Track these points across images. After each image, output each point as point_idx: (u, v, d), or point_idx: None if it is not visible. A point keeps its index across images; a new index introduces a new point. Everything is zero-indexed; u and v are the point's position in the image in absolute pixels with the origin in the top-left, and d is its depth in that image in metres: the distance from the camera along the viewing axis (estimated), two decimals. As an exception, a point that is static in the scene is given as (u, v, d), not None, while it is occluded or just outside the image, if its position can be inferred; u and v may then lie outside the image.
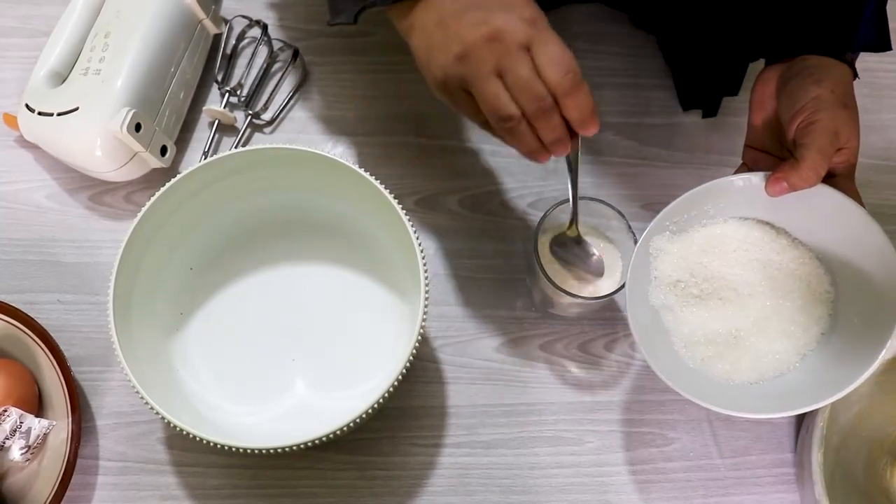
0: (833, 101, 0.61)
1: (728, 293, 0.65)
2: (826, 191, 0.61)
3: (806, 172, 0.59)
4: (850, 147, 0.62)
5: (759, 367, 0.64)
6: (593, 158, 0.85)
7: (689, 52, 0.84)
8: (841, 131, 0.60)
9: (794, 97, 0.63)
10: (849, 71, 0.65)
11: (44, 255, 0.79)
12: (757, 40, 0.74)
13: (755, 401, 0.63)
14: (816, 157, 0.59)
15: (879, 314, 0.60)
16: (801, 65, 0.65)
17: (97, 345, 0.76)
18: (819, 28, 0.66)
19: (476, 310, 0.79)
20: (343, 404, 0.71)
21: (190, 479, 0.73)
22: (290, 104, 0.86)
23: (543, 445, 0.76)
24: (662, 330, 0.65)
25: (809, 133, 0.60)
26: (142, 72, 0.76)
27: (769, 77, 0.67)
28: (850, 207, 0.61)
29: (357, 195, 0.71)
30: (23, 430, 0.68)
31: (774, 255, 0.65)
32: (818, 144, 0.59)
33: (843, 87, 0.63)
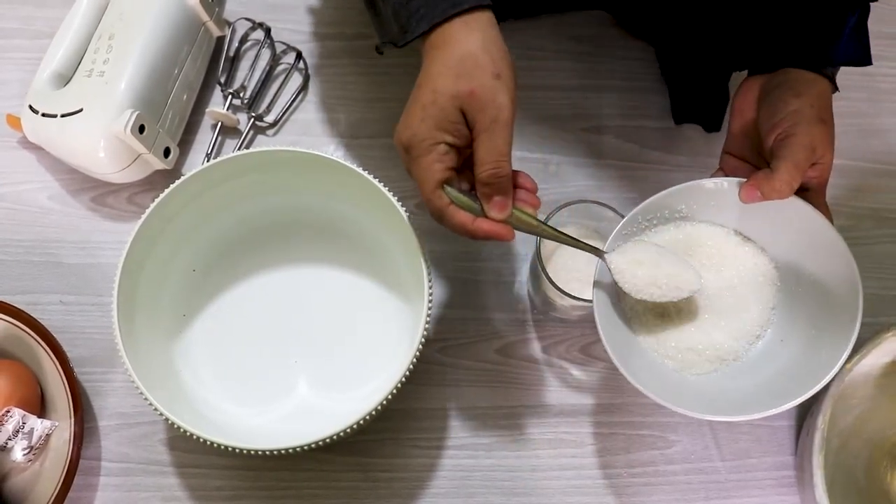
0: (811, 116, 0.62)
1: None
2: (796, 203, 0.62)
3: (779, 184, 0.60)
4: (825, 162, 0.63)
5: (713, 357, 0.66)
6: (594, 161, 0.85)
7: (684, 67, 0.85)
8: (817, 146, 0.61)
9: (773, 109, 0.64)
10: (828, 86, 0.66)
11: (46, 256, 0.79)
12: (740, 52, 0.75)
13: (710, 404, 0.63)
14: (791, 170, 0.60)
15: (833, 331, 0.61)
16: (782, 77, 0.66)
17: (100, 346, 0.76)
18: (800, 42, 0.66)
19: (478, 312, 0.79)
20: (346, 406, 0.71)
21: (192, 481, 0.73)
22: (293, 106, 0.86)
23: (545, 447, 0.76)
24: (626, 326, 0.66)
25: (786, 146, 0.61)
26: (145, 74, 0.76)
27: (751, 86, 0.68)
28: (819, 222, 0.63)
29: (360, 197, 0.71)
30: (25, 431, 0.68)
31: (737, 261, 0.67)
32: (794, 158, 0.60)
33: (822, 101, 0.64)
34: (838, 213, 0.84)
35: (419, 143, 0.57)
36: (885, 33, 0.93)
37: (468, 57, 0.56)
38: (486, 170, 0.57)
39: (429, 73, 0.57)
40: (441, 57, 0.57)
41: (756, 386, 0.64)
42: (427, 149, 0.57)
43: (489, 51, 0.57)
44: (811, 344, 0.63)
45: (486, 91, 0.56)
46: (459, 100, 0.56)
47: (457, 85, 0.56)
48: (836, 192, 0.85)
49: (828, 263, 0.63)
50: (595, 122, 0.87)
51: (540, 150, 0.85)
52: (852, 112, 0.89)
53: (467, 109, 0.56)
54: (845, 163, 0.87)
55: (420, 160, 0.57)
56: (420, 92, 0.58)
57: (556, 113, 0.87)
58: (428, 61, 0.58)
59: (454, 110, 0.56)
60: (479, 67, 0.56)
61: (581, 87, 0.88)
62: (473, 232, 0.58)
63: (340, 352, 0.75)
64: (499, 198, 0.58)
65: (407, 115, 0.58)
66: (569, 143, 0.86)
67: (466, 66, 0.56)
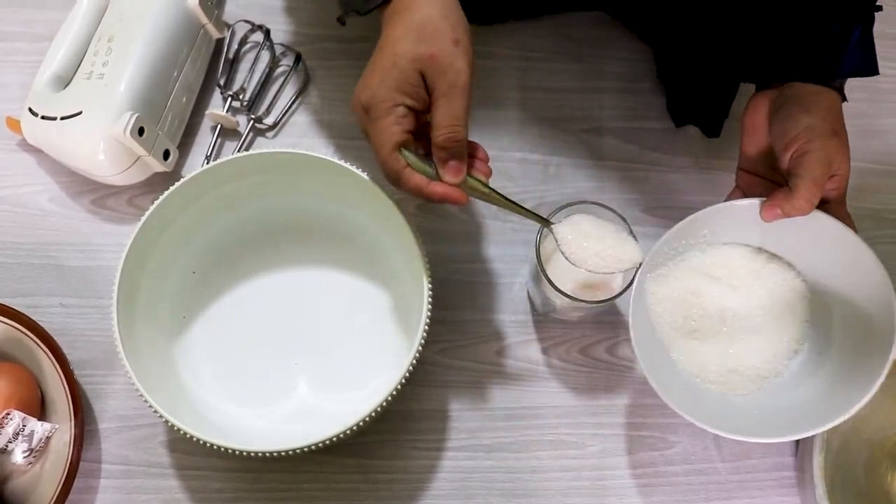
0: (825, 130, 0.62)
1: (719, 315, 0.67)
2: (819, 216, 0.63)
3: (800, 202, 0.61)
4: (842, 173, 0.63)
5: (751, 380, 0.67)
6: (594, 162, 0.85)
7: (683, 69, 0.85)
8: (833, 159, 0.62)
9: (785, 126, 0.64)
10: (837, 97, 0.66)
11: (46, 258, 0.79)
12: (747, 64, 0.75)
13: (757, 424, 0.65)
14: (811, 187, 0.61)
15: (873, 338, 0.62)
16: (790, 92, 0.66)
17: (100, 348, 0.76)
18: (807, 55, 0.67)
19: (478, 313, 0.79)
20: (346, 407, 0.71)
21: (192, 483, 0.73)
22: (293, 108, 0.86)
23: (545, 449, 0.76)
24: (664, 353, 0.68)
25: (803, 163, 0.61)
26: (145, 76, 0.76)
27: (759, 103, 0.68)
28: (843, 232, 0.63)
29: (359, 199, 0.71)
30: (25, 434, 0.68)
31: (767, 279, 0.68)
32: (812, 175, 0.61)
33: (833, 114, 0.64)
34: (839, 213, 0.85)
35: (378, 104, 0.58)
36: (887, 34, 0.93)
37: (428, 22, 0.58)
38: (442, 133, 0.58)
39: (389, 36, 0.59)
40: (402, 21, 0.58)
41: (800, 401, 0.65)
42: (386, 111, 0.58)
43: (448, 17, 0.58)
44: (849, 354, 0.65)
45: (445, 55, 0.57)
46: (420, 62, 0.57)
47: (417, 48, 0.57)
48: (836, 192, 0.86)
49: (858, 276, 0.64)
50: (595, 124, 0.87)
51: (540, 152, 0.85)
52: (853, 112, 0.88)
53: (427, 73, 0.57)
54: (845, 163, 0.87)
55: (378, 122, 0.58)
56: (380, 55, 0.59)
57: (556, 114, 0.87)
58: (388, 26, 0.59)
59: (414, 73, 0.57)
60: (438, 32, 0.58)
61: (581, 89, 0.88)
62: (428, 194, 0.60)
63: (340, 353, 0.75)
64: (454, 162, 0.59)
65: (366, 76, 0.59)
66: (569, 144, 0.86)
67: (427, 30, 0.58)
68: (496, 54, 0.89)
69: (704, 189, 0.84)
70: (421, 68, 0.57)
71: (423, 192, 0.60)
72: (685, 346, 0.67)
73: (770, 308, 0.67)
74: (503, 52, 0.89)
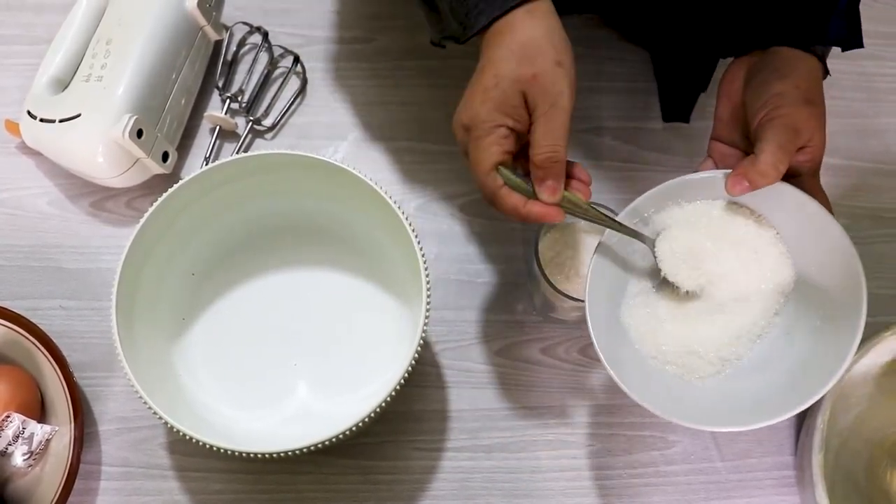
0: (796, 97, 0.60)
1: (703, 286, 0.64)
2: (783, 187, 0.60)
3: (764, 167, 0.58)
4: (814, 145, 0.61)
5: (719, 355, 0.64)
6: (592, 163, 0.85)
7: (675, 66, 0.85)
8: (802, 128, 0.59)
9: (758, 92, 0.62)
10: (818, 66, 0.64)
11: (46, 261, 0.79)
12: (729, 35, 0.73)
13: (719, 410, 0.62)
14: (776, 152, 0.58)
15: (842, 319, 0.59)
16: (769, 58, 0.64)
17: (99, 350, 0.76)
18: (788, 19, 0.65)
19: (477, 314, 0.80)
20: (345, 408, 0.71)
21: (192, 484, 0.73)
22: (291, 110, 0.86)
23: (545, 449, 0.76)
24: (620, 328, 0.64)
25: (769, 128, 0.59)
26: (143, 78, 0.76)
27: (737, 69, 0.67)
28: (811, 206, 0.60)
29: (358, 200, 0.71)
30: (25, 436, 0.68)
31: (740, 238, 0.64)
32: (777, 140, 0.58)
33: (809, 83, 0.62)
34: (836, 212, 0.84)
35: (480, 124, 0.58)
36: (883, 33, 0.93)
37: (531, 43, 0.57)
38: (541, 152, 0.57)
39: (491, 58, 0.58)
40: (504, 43, 0.58)
41: (767, 386, 0.62)
42: (487, 130, 0.58)
43: (551, 38, 0.58)
44: (818, 335, 0.61)
45: (547, 76, 0.57)
46: (521, 84, 0.57)
47: (519, 69, 0.57)
48: (834, 191, 0.85)
49: (825, 251, 0.61)
50: (593, 124, 0.87)
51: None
52: (850, 112, 0.89)
53: (528, 93, 0.57)
54: (843, 162, 0.87)
55: (480, 141, 0.58)
56: (482, 76, 0.58)
57: (553, 115, 0.87)
58: (490, 48, 0.59)
59: (516, 94, 0.57)
60: (541, 54, 0.57)
61: (579, 89, 0.87)
62: (525, 215, 0.59)
63: (339, 354, 0.75)
64: (551, 182, 0.58)
65: (468, 97, 0.59)
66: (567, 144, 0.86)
67: (529, 51, 0.57)
68: (494, 55, 0.89)
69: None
70: (523, 89, 0.57)
71: (519, 211, 0.59)
72: (644, 321, 0.64)
73: (740, 284, 0.63)
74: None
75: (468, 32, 0.60)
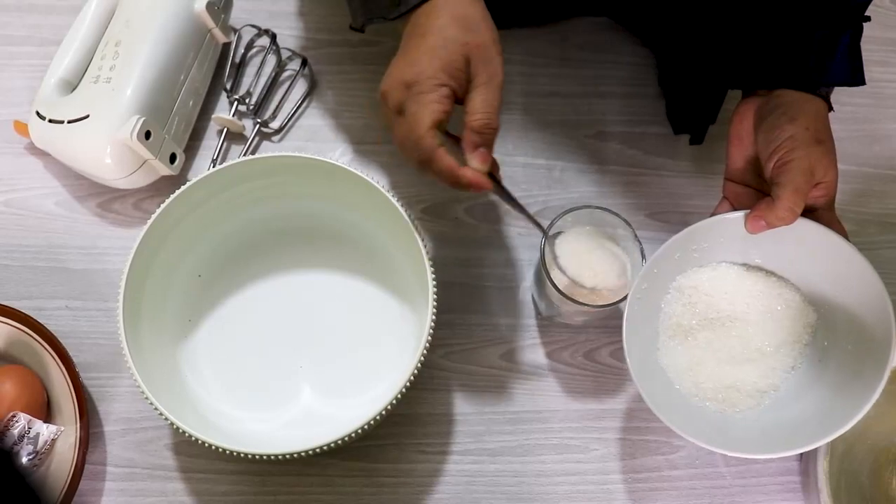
0: (807, 139, 0.62)
1: (719, 329, 0.68)
2: (806, 224, 0.63)
3: (782, 212, 0.61)
4: (828, 181, 0.63)
5: (751, 395, 0.67)
6: (598, 167, 0.86)
7: (682, 76, 0.85)
8: (816, 168, 0.62)
9: (770, 135, 0.64)
10: (823, 105, 0.66)
11: (53, 261, 0.79)
12: (735, 69, 0.75)
13: (758, 439, 0.65)
14: (792, 197, 0.61)
15: (870, 346, 0.62)
16: (776, 101, 0.66)
17: (105, 351, 0.76)
18: (794, 62, 0.67)
19: (482, 317, 0.80)
20: (350, 411, 0.71)
21: (197, 486, 0.73)
22: (299, 113, 0.86)
23: (549, 453, 0.76)
24: (658, 369, 0.68)
25: (785, 172, 0.62)
26: (152, 80, 0.76)
27: (746, 111, 0.69)
28: (831, 238, 0.63)
29: (365, 203, 0.71)
30: (31, 436, 0.69)
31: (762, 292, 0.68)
32: (794, 184, 0.61)
33: (818, 122, 0.64)
34: (842, 218, 0.84)
35: (425, 80, 0.58)
36: (890, 39, 0.93)
37: (471, 16, 0.61)
38: (479, 118, 0.59)
39: (434, 24, 0.60)
40: (443, 14, 0.60)
41: (800, 414, 0.65)
42: (432, 87, 0.58)
43: (486, 17, 0.62)
44: (848, 365, 0.64)
45: (490, 49, 0.60)
46: (467, 48, 0.59)
47: (465, 36, 0.59)
48: (839, 197, 0.84)
49: (851, 282, 0.63)
50: (599, 129, 0.87)
51: (544, 157, 0.86)
52: (856, 117, 0.89)
53: (473, 59, 0.59)
54: (849, 168, 0.87)
55: (423, 96, 0.58)
56: (426, 38, 0.60)
57: (560, 119, 0.87)
58: (427, 19, 0.61)
59: (461, 58, 0.59)
60: (482, 27, 0.61)
61: (585, 94, 0.89)
62: (458, 177, 0.59)
63: (345, 357, 0.75)
64: (484, 149, 0.60)
65: (411, 56, 0.60)
66: (573, 149, 0.86)
67: (471, 23, 0.60)
68: (501, 59, 0.89)
69: (708, 194, 0.84)
70: (468, 54, 0.59)
71: (454, 173, 0.59)
72: (681, 361, 0.68)
73: (766, 324, 0.67)
74: (508, 57, 0.87)
75: (402, 8, 0.62)
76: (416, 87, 0.59)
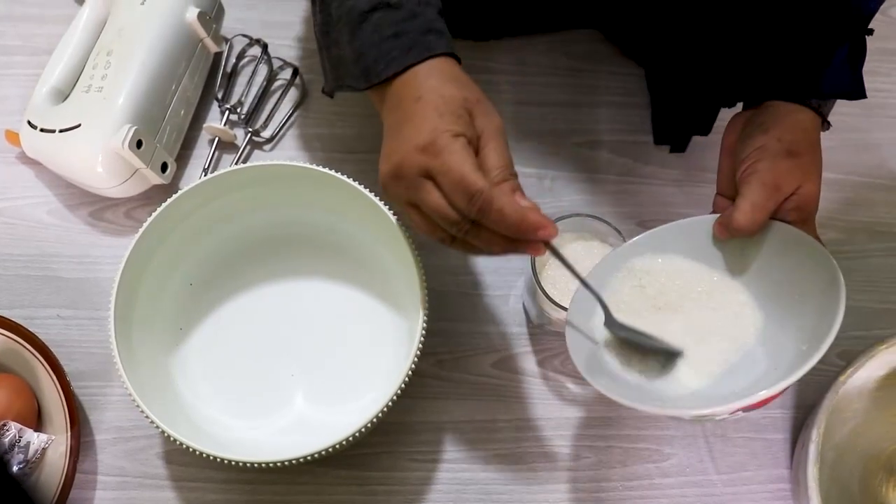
0: (777, 150, 0.62)
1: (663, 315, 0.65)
2: (774, 225, 0.62)
3: (737, 224, 0.60)
4: (802, 194, 0.61)
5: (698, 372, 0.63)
6: (589, 176, 0.86)
7: (670, 89, 0.85)
8: (782, 182, 0.61)
9: (743, 145, 0.64)
10: (810, 117, 0.65)
11: (44, 270, 0.79)
12: (727, 84, 0.75)
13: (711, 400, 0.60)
14: (748, 210, 0.60)
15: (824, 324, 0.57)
16: (762, 113, 0.65)
17: (97, 360, 0.76)
18: (783, 73, 0.66)
19: (473, 325, 0.80)
20: (342, 419, 0.71)
21: (188, 494, 0.73)
22: (290, 122, 0.86)
23: (541, 461, 0.76)
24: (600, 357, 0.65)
25: (747, 184, 0.61)
26: (143, 89, 0.77)
27: (735, 124, 0.68)
28: (782, 228, 0.61)
29: (356, 211, 0.71)
30: (21, 445, 0.68)
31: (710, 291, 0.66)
32: (752, 196, 0.60)
33: (795, 134, 0.63)
34: (832, 226, 0.86)
35: (442, 134, 0.54)
36: (879, 48, 0.94)
37: (458, 76, 0.58)
38: (500, 171, 0.55)
39: (425, 85, 0.57)
40: (430, 77, 0.57)
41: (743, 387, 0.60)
42: (452, 139, 0.54)
43: (471, 80, 0.59)
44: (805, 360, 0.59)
45: (487, 103, 0.57)
46: (469, 104, 0.56)
47: (462, 92, 0.56)
48: (829, 205, 0.86)
49: (805, 267, 0.60)
50: (589, 137, 0.88)
51: (535, 165, 0.86)
52: (845, 126, 0.90)
53: (475, 114, 0.56)
54: (839, 177, 0.88)
55: (448, 148, 0.53)
56: (423, 100, 0.56)
57: (550, 128, 0.88)
58: (416, 82, 0.57)
59: (465, 112, 0.56)
60: (472, 84, 0.58)
61: (575, 103, 0.89)
62: (524, 217, 0.53)
63: (336, 365, 0.75)
64: (519, 192, 0.56)
65: (415, 121, 0.55)
66: (563, 158, 0.86)
67: (461, 81, 0.58)
68: (491, 69, 0.89)
69: (699, 202, 0.84)
70: (470, 109, 0.56)
71: (521, 212, 0.54)
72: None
73: (718, 331, 0.64)
74: (498, 66, 0.90)
75: (372, 80, 0.59)
76: (436, 145, 0.54)
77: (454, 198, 0.54)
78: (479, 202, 0.53)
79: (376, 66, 0.58)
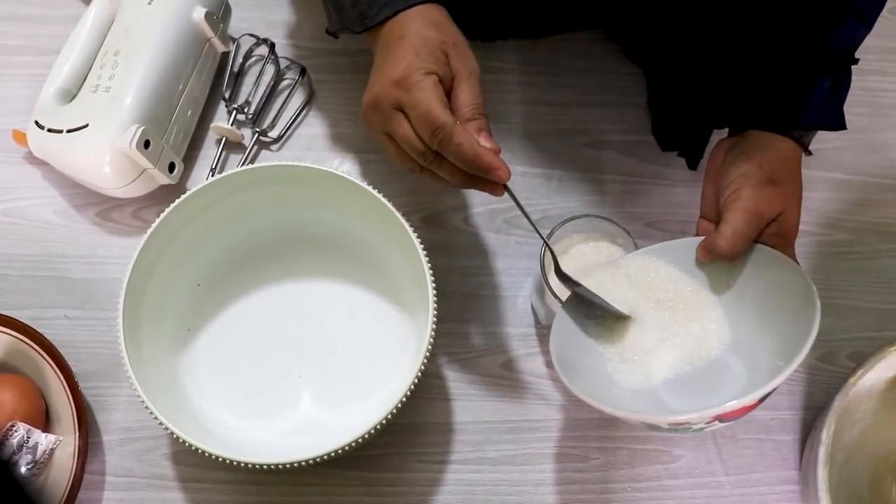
0: (759, 178, 0.63)
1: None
2: (756, 248, 0.64)
3: (722, 249, 0.62)
4: (783, 220, 0.64)
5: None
6: (594, 175, 0.86)
7: (672, 96, 0.85)
8: (763, 209, 0.63)
9: (725, 172, 0.66)
10: (791, 147, 0.66)
11: (51, 270, 0.79)
12: (716, 106, 0.77)
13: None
14: (730, 237, 0.62)
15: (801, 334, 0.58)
16: (744, 140, 0.67)
17: (104, 360, 0.76)
18: (765, 103, 0.68)
19: (482, 326, 0.80)
20: (350, 420, 0.71)
21: (196, 495, 0.73)
22: (297, 122, 0.86)
23: (549, 462, 0.76)
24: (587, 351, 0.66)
25: (727, 211, 0.63)
26: (151, 89, 0.76)
27: (720, 149, 0.70)
28: (768, 254, 0.63)
29: (364, 212, 0.71)
30: (30, 446, 0.68)
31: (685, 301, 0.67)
32: (734, 223, 0.62)
33: (777, 163, 0.65)
34: (841, 227, 0.85)
35: (415, 71, 0.59)
36: (887, 48, 0.93)
37: (440, 21, 0.63)
38: (471, 109, 0.61)
39: (409, 28, 0.62)
40: (414, 21, 0.63)
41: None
42: (424, 76, 0.59)
43: (452, 22, 0.64)
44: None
45: (465, 47, 0.63)
46: (446, 45, 0.61)
47: (441, 35, 0.62)
48: (838, 206, 0.86)
49: (781, 282, 0.62)
50: (596, 138, 0.87)
51: (541, 165, 0.86)
52: (854, 127, 0.89)
53: (451, 56, 0.61)
54: (847, 177, 0.88)
55: (419, 84, 0.59)
56: (405, 40, 0.61)
57: (557, 128, 0.87)
58: (402, 25, 0.63)
59: (442, 54, 0.61)
60: (453, 28, 0.64)
61: (582, 103, 0.89)
62: (479, 155, 0.58)
63: (344, 366, 0.75)
64: (485, 132, 0.60)
65: (394, 58, 0.61)
66: (570, 158, 0.86)
67: (442, 25, 0.63)
68: (499, 69, 0.89)
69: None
70: (446, 50, 0.61)
71: (475, 150, 0.58)
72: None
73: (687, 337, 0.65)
74: (505, 66, 0.90)
75: (367, 23, 0.64)
76: (409, 80, 0.59)
77: (420, 129, 0.59)
78: (440, 135, 0.58)
79: (370, 10, 0.64)
